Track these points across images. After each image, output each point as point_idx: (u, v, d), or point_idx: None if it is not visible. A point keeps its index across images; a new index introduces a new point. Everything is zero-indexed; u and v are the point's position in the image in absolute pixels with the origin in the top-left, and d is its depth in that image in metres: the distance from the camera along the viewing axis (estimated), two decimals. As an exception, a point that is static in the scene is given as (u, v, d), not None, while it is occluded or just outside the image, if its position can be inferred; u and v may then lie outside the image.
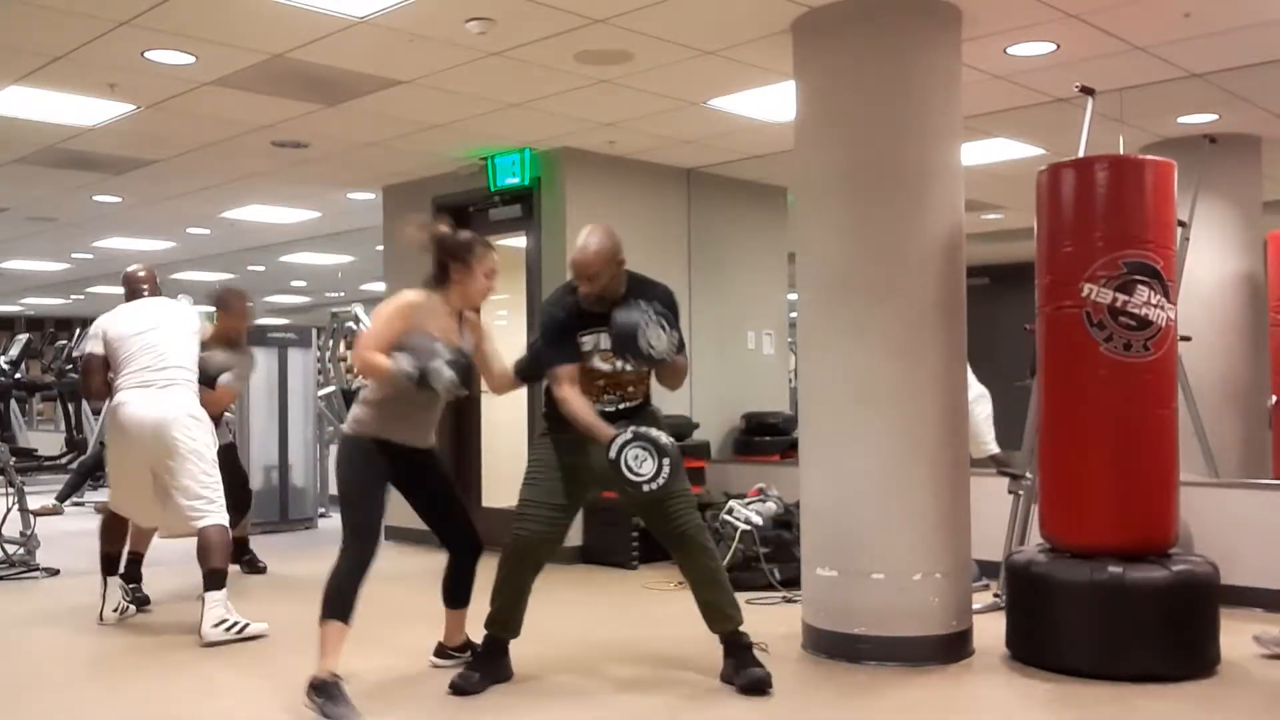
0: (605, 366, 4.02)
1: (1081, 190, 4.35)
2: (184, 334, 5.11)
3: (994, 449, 6.09)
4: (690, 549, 4.01)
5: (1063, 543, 4.32)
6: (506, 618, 4.09)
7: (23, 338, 11.68)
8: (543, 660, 4.42)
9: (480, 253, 4.01)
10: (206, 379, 5.30)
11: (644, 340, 3.84)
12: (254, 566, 6.65)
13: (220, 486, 4.96)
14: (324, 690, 3.64)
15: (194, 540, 4.88)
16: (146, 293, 5.29)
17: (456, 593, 4.23)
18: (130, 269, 5.44)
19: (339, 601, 3.76)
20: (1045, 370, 4.47)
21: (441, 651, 4.34)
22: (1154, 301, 4.20)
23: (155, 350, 4.96)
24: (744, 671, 3.95)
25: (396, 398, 3.89)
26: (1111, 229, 4.26)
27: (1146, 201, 4.29)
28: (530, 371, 4.28)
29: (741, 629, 4.04)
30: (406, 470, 4.07)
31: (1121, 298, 4.19)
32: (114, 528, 5.34)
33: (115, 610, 5.22)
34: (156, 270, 5.54)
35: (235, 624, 4.78)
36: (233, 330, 5.76)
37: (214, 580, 4.76)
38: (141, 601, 5.46)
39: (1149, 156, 4.49)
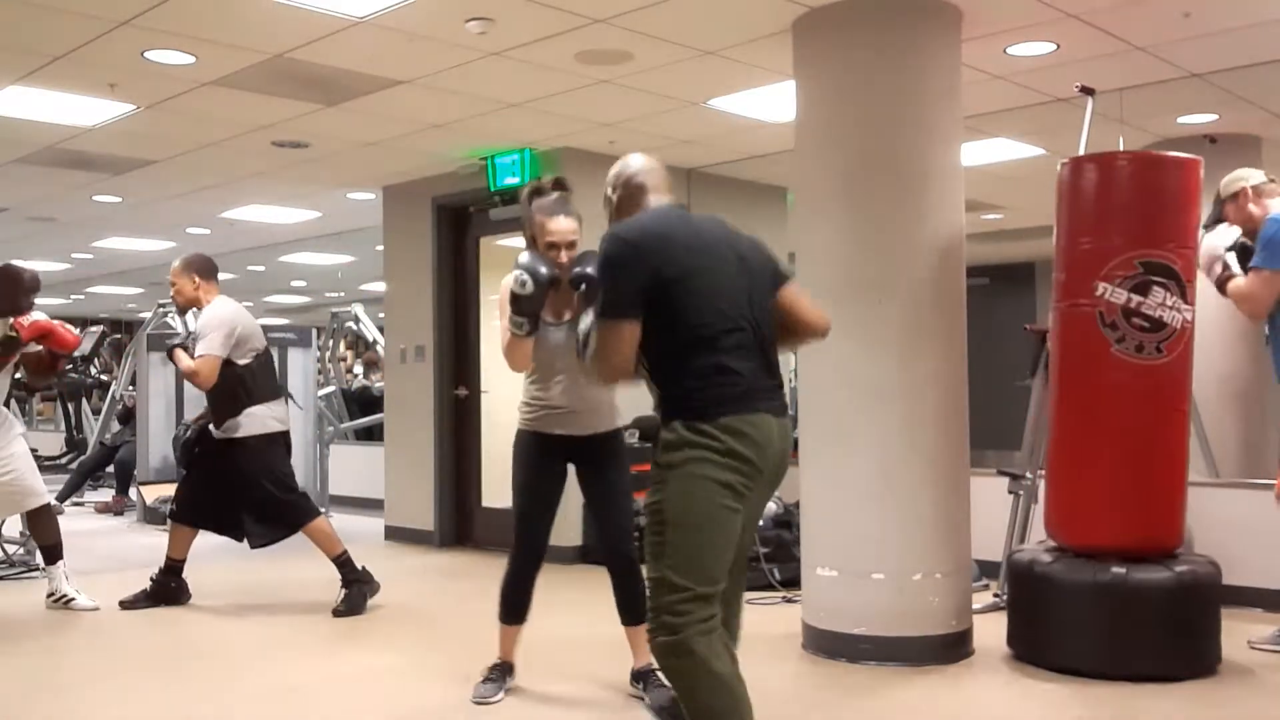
0: None
1: (1103, 187, 4.30)
2: None
3: None
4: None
5: (1068, 542, 4.31)
6: None
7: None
8: (542, 660, 4.42)
9: (537, 222, 3.75)
10: None
11: None
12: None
13: None
14: (486, 673, 3.98)
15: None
16: None
17: (619, 605, 3.89)
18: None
19: (502, 605, 3.94)
20: (1057, 368, 4.44)
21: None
22: (1169, 303, 4.14)
23: None
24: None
25: (533, 384, 3.81)
26: (1131, 228, 4.19)
27: (1169, 201, 4.23)
28: None
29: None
30: (575, 463, 3.89)
31: (1136, 299, 4.14)
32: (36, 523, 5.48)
33: (51, 596, 5.39)
34: (157, 270, 5.55)
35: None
36: None
37: None
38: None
39: (1173, 154, 4.41)
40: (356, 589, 5.35)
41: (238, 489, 5.39)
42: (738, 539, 2.70)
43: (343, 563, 5.37)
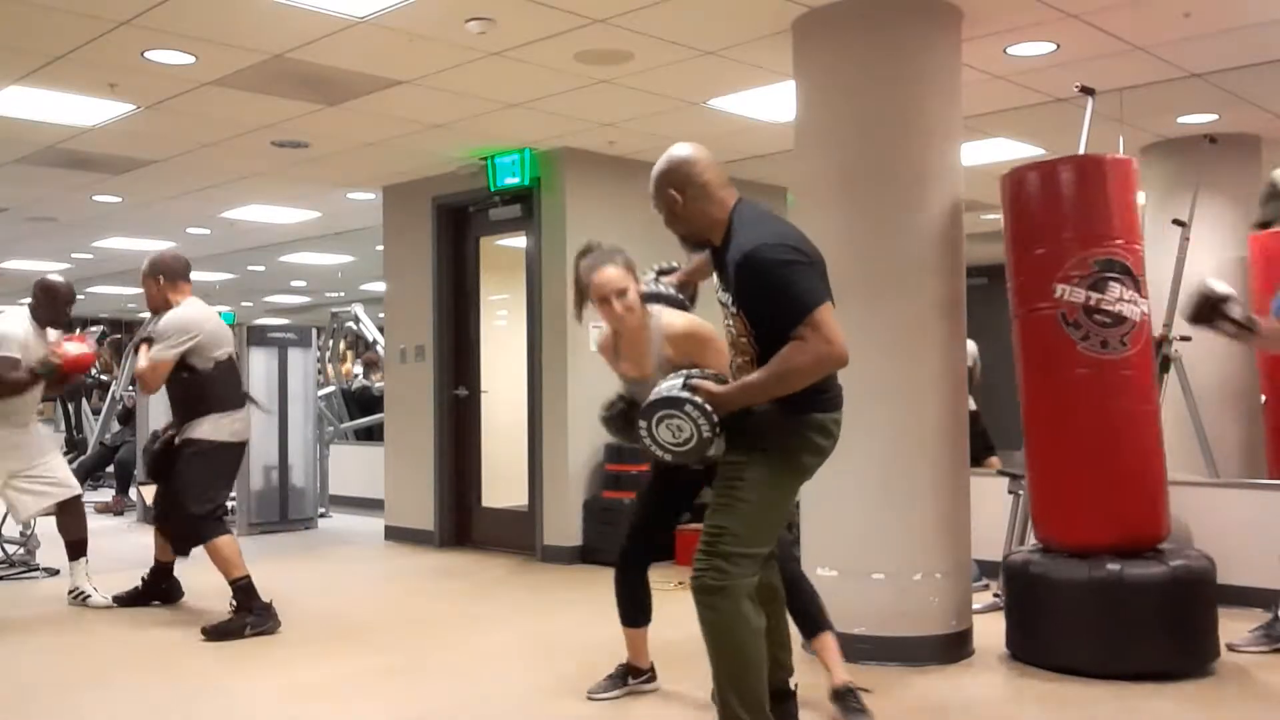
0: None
1: (1046, 192, 4.39)
2: None
3: None
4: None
5: (1055, 542, 4.33)
6: None
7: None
8: (541, 659, 4.42)
9: (585, 281, 3.54)
10: None
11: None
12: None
13: None
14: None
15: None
16: (29, 304, 5.55)
17: (794, 617, 3.60)
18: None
19: (618, 608, 3.93)
20: (1025, 374, 4.48)
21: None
22: (1127, 297, 4.23)
23: None
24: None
25: None
26: (1079, 229, 4.28)
27: (1111, 199, 4.32)
28: None
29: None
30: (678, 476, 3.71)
31: (1095, 296, 4.22)
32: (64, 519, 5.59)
33: (72, 593, 5.51)
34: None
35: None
36: None
37: None
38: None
39: (1108, 155, 4.51)
40: (238, 619, 4.90)
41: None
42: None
43: (242, 588, 4.96)
